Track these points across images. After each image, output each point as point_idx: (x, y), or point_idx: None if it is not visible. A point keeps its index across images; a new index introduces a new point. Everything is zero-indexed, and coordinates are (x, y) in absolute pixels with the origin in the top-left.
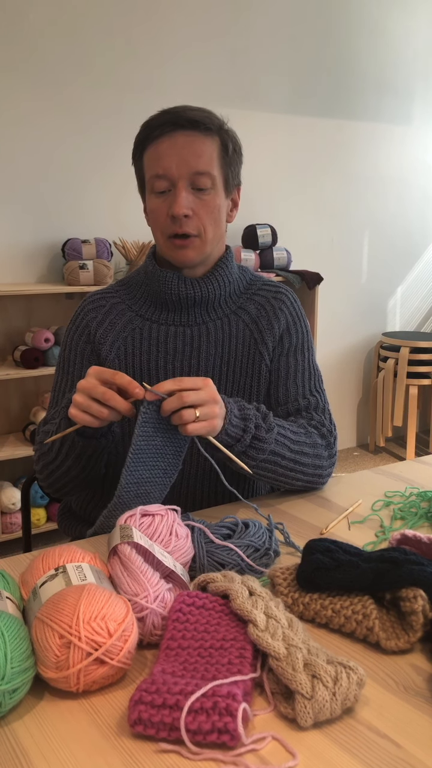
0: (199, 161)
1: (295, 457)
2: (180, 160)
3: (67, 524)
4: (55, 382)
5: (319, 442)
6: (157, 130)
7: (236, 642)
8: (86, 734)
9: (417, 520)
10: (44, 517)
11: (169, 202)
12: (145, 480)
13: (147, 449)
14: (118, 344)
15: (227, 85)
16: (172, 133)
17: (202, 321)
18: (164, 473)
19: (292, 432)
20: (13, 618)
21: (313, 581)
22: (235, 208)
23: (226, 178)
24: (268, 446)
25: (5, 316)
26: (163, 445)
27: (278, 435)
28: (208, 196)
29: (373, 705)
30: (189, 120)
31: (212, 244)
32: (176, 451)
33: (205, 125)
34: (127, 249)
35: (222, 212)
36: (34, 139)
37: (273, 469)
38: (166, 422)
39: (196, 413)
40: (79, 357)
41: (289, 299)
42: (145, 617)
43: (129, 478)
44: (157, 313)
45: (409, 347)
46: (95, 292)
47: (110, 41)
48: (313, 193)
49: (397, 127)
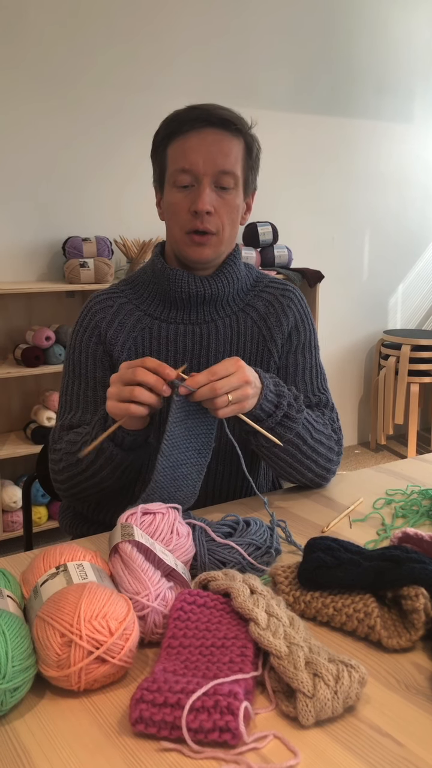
0: (227, 160)
1: (314, 445)
2: (208, 157)
3: (68, 523)
4: (64, 386)
5: (333, 436)
6: (187, 124)
7: (237, 640)
8: (87, 733)
9: (418, 518)
10: (45, 515)
11: (191, 197)
12: (181, 462)
13: (180, 433)
14: (129, 344)
15: (228, 82)
16: (202, 130)
17: (210, 319)
18: (198, 453)
19: (314, 420)
20: (14, 617)
21: (315, 579)
22: (248, 211)
23: (246, 181)
24: (296, 426)
25: (6, 314)
26: (195, 426)
27: (305, 419)
28: (230, 195)
29: (374, 703)
30: (220, 119)
31: (227, 244)
32: (208, 431)
33: (235, 126)
34: (127, 247)
35: (239, 213)
36: (35, 138)
37: (293, 453)
38: (196, 406)
39: (229, 398)
40: (91, 358)
41: (297, 297)
42: (147, 616)
43: (164, 462)
44: (165, 312)
45: (410, 345)
46: (101, 292)
47: (111, 40)
48: (314, 190)
49: (398, 125)
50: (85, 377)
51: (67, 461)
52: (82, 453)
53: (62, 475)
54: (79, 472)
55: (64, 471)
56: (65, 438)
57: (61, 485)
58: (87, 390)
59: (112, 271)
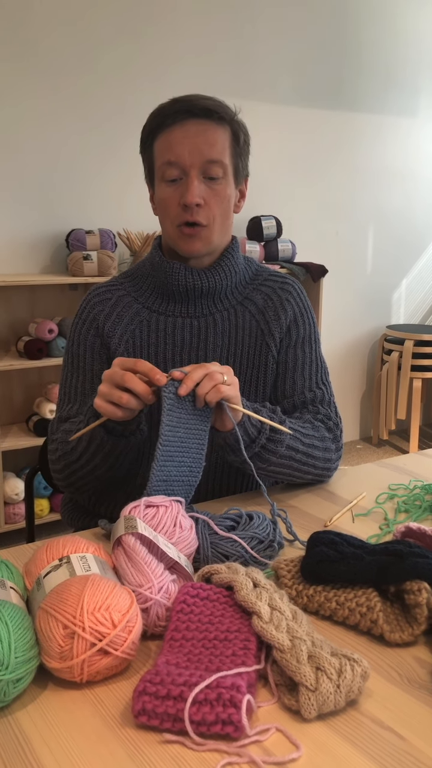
0: (212, 150)
1: (308, 451)
2: (193, 148)
3: (70, 515)
4: (63, 378)
5: (327, 436)
6: (169, 118)
7: (240, 633)
8: (90, 724)
9: (421, 512)
10: (47, 507)
11: (180, 191)
12: (172, 477)
13: (173, 440)
14: (126, 337)
15: (233, 76)
16: (185, 122)
17: (209, 312)
18: (190, 469)
19: (301, 426)
20: (17, 608)
21: (318, 573)
22: (242, 198)
23: (236, 169)
24: (284, 439)
25: (9, 306)
26: (186, 437)
27: (290, 429)
28: (220, 186)
29: (376, 697)
30: (203, 109)
31: (220, 235)
32: (199, 445)
33: (218, 114)
34: (131, 240)
35: (231, 202)
36: (39, 131)
37: (288, 464)
38: (188, 410)
39: (223, 377)
40: (89, 351)
41: (296, 290)
42: (149, 608)
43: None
44: (164, 305)
45: (414, 340)
46: (100, 285)
47: (116, 33)
48: (318, 185)
49: (404, 120)
50: (83, 370)
51: (63, 450)
52: (71, 437)
53: (58, 464)
54: (74, 461)
55: (60, 460)
56: (61, 428)
57: (58, 475)
58: (85, 382)
59: (116, 263)
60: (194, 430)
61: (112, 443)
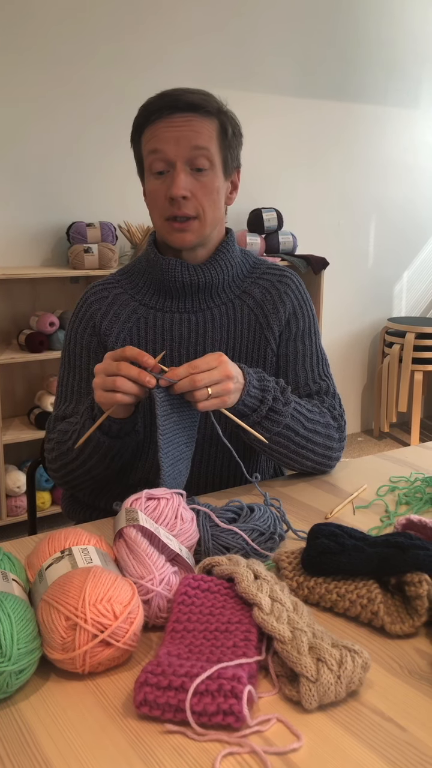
0: (198, 137)
1: (308, 435)
2: (178, 140)
3: (71, 509)
4: (61, 377)
5: (332, 424)
6: (155, 113)
7: (241, 625)
8: (92, 715)
9: (422, 505)
10: (49, 500)
11: (167, 183)
12: (177, 458)
13: (168, 426)
14: (124, 335)
15: (233, 66)
16: (171, 116)
17: (206, 307)
18: (185, 445)
19: (308, 410)
20: (19, 600)
21: (319, 565)
22: (234, 190)
23: (225, 161)
24: (283, 419)
25: (10, 299)
26: (180, 419)
27: (294, 410)
28: (207, 177)
29: (377, 688)
30: (188, 103)
31: (211, 227)
32: (191, 424)
33: (204, 108)
34: (131, 233)
35: (221, 194)
36: (40, 123)
37: (285, 444)
38: (179, 399)
39: (208, 392)
40: (86, 350)
41: (295, 283)
42: (151, 600)
43: (167, 460)
44: (161, 301)
45: (415, 333)
46: (97, 283)
47: (116, 23)
48: (319, 176)
49: (405, 111)
50: (79, 369)
51: (59, 450)
52: (76, 445)
53: (55, 464)
54: (70, 461)
55: (56, 460)
56: (58, 428)
57: (55, 473)
58: (81, 381)
59: (116, 256)
60: (186, 411)
61: (109, 444)
